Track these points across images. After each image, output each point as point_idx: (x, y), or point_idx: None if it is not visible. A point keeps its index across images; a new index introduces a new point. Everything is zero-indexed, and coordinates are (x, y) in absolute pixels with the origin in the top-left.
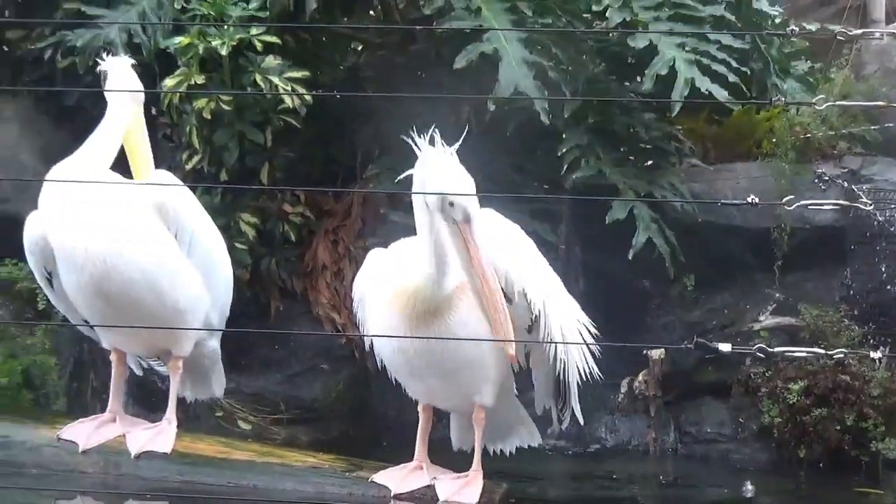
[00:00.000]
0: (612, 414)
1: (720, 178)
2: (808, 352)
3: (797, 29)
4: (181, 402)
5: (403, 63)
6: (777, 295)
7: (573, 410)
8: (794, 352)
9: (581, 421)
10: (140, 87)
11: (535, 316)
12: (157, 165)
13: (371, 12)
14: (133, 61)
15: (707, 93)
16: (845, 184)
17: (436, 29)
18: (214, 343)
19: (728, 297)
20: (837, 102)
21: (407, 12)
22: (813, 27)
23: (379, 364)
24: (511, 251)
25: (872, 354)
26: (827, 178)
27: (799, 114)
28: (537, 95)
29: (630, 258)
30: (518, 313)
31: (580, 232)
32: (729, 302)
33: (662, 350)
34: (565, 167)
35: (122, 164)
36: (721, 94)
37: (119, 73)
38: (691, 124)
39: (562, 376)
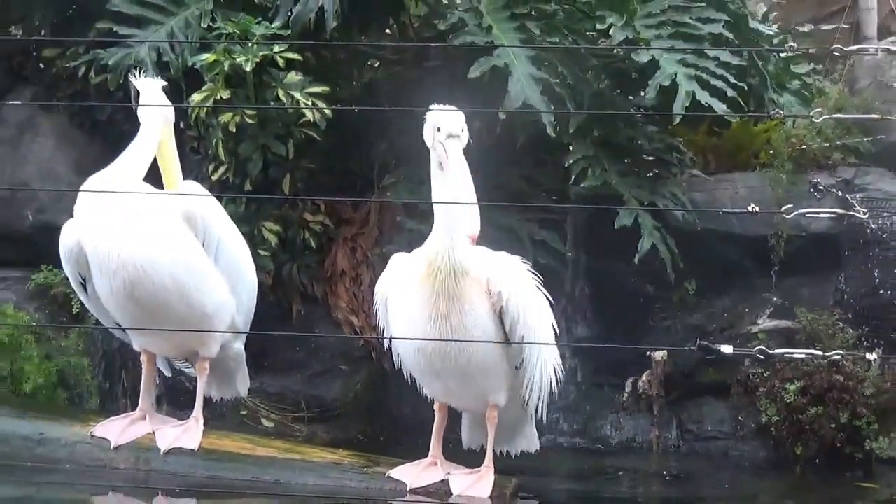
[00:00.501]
0: (618, 413)
1: (719, 187)
2: (806, 353)
3: (795, 45)
4: (207, 401)
5: (417, 78)
6: (774, 299)
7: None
8: (793, 353)
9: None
10: (170, 106)
11: (524, 359)
12: (185, 176)
13: (387, 31)
14: (164, 82)
15: (707, 105)
16: (839, 193)
17: (448, 46)
18: (239, 345)
19: (727, 301)
20: (834, 115)
21: (421, 31)
22: (807, 27)
23: (396, 364)
24: (520, 300)
25: (868, 356)
26: (822, 187)
27: (795, 126)
28: (544, 108)
29: (635, 263)
30: (512, 353)
31: (586, 240)
32: (728, 306)
33: (665, 351)
34: (573, 177)
35: (152, 176)
36: (720, 107)
37: (151, 92)
38: (691, 136)
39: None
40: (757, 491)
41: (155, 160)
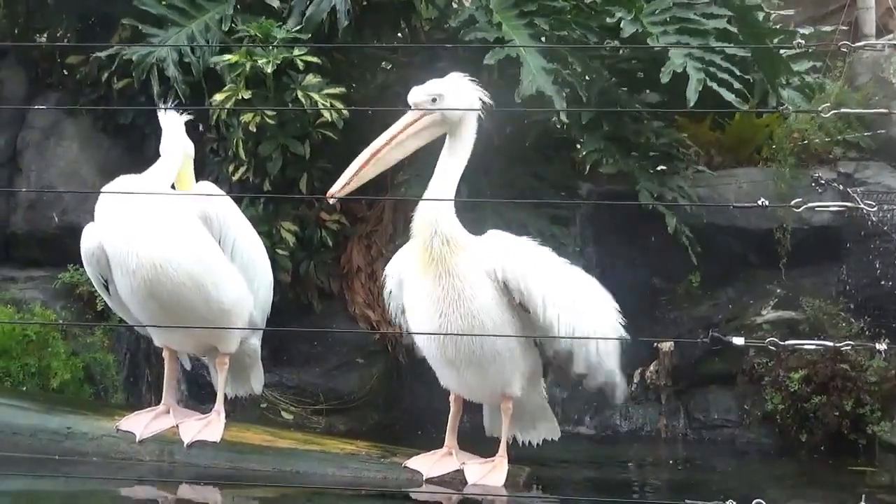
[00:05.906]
0: (626, 402)
1: (723, 182)
2: (817, 344)
3: (804, 41)
4: (227, 395)
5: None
6: (778, 290)
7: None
8: (804, 344)
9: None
10: (188, 140)
11: (550, 324)
12: (205, 177)
13: (398, 34)
14: (189, 117)
15: (716, 92)
16: (841, 187)
17: (460, 43)
18: (255, 341)
19: (732, 293)
20: (842, 110)
21: (431, 33)
22: (807, 30)
23: (418, 355)
24: (525, 266)
25: (878, 346)
26: (823, 181)
27: (797, 121)
28: (556, 97)
29: (649, 251)
30: (537, 323)
31: (595, 234)
32: (733, 297)
33: (672, 342)
34: (587, 168)
35: None
36: (728, 96)
37: (174, 125)
38: (695, 131)
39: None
40: (763, 477)
41: None
